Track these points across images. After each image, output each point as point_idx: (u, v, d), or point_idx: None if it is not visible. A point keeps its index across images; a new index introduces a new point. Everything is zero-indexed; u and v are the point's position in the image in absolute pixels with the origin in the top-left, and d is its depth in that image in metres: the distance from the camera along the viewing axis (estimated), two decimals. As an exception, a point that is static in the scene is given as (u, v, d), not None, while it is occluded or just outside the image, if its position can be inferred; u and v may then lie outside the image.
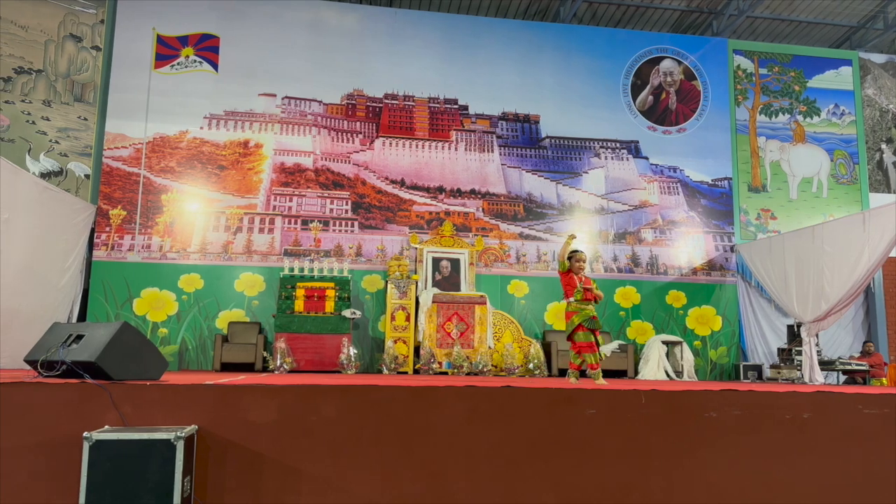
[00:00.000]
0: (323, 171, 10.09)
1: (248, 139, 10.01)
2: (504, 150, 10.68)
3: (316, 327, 8.79)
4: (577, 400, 3.70)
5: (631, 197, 10.88)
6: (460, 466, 3.51)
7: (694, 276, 10.71)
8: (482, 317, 9.20)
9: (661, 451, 3.68)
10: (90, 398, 3.36)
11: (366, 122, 10.38)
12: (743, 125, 11.41)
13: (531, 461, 3.57)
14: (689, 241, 10.86)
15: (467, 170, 10.51)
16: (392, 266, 9.38)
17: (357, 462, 3.44)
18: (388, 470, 3.45)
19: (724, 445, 3.73)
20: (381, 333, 9.55)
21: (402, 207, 10.18)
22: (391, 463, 3.46)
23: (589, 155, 10.91)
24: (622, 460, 3.63)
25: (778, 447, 3.77)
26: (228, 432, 3.36)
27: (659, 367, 9.59)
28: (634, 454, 3.65)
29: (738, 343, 10.60)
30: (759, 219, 11.15)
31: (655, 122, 11.16)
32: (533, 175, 10.69)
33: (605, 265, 10.52)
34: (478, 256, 10.07)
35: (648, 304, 10.45)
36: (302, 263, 9.41)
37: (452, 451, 3.53)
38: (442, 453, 3.52)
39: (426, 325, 9.05)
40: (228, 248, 9.61)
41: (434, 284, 9.65)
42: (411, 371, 8.92)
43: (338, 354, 8.50)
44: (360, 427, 3.49)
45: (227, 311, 9.38)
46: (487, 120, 10.73)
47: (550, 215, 10.57)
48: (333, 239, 9.90)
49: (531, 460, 3.57)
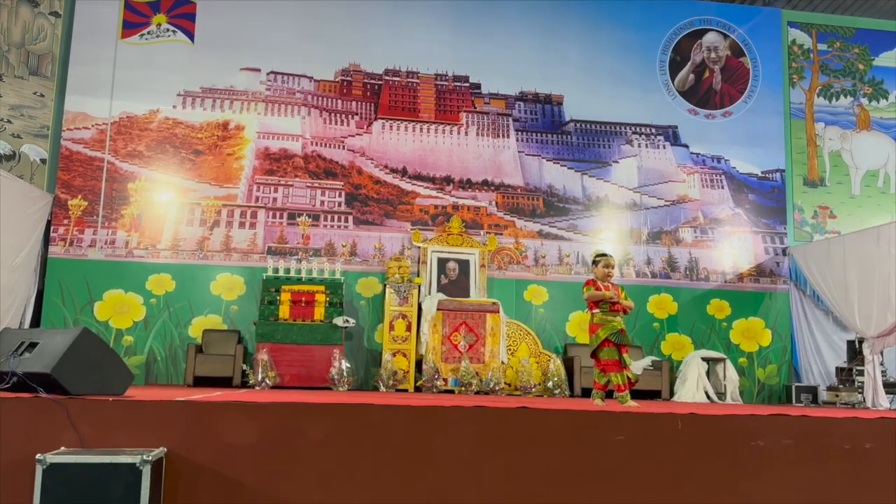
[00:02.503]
0: (313, 157, 10.11)
1: (228, 120, 10.03)
2: (521, 135, 10.67)
3: (303, 337, 8.79)
4: (603, 424, 3.69)
5: (668, 191, 10.86)
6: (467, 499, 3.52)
7: (740, 283, 10.68)
8: (494, 327, 9.19)
9: (699, 484, 3.66)
10: (44, 415, 3.35)
11: (363, 102, 10.39)
12: (798, 109, 11.36)
13: (549, 494, 3.55)
14: (735, 242, 10.82)
15: (479, 158, 10.51)
16: (391, 267, 9.39)
17: (350, 492, 3.44)
18: (385, 502, 3.45)
19: (772, 479, 3.72)
20: (377, 345, 9.55)
21: (404, 200, 10.19)
22: (388, 494, 3.46)
23: (619, 142, 10.89)
24: (654, 494, 3.62)
25: (835, 481, 3.75)
26: (202, 456, 3.36)
27: (698, 388, 9.56)
28: (668, 488, 3.62)
29: (789, 361, 10.56)
30: (815, 217, 11.10)
31: (697, 105, 11.13)
32: (554, 164, 10.67)
33: (636, 269, 10.51)
34: (490, 257, 10.07)
35: (687, 314, 10.43)
36: (288, 263, 9.43)
37: (459, 481, 3.53)
38: (447, 483, 3.52)
39: (430, 335, 9.05)
40: (204, 245, 9.64)
41: (439, 289, 9.65)
42: (412, 389, 8.92)
43: (328, 368, 8.48)
44: (354, 452, 3.49)
45: (202, 317, 9.41)
46: (503, 100, 10.73)
47: (574, 211, 10.55)
48: (324, 236, 9.92)
49: (549, 493, 3.56)
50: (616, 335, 5.72)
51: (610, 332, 5.72)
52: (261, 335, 8.77)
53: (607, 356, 5.73)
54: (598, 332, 5.77)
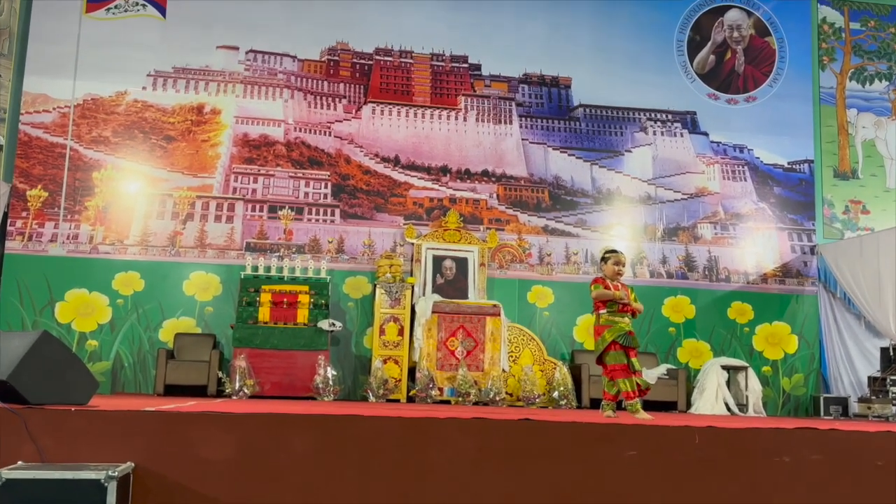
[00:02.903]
0: (297, 144, 10.10)
1: (203, 103, 10.02)
2: (525, 121, 10.68)
3: (285, 342, 8.79)
4: (613, 438, 3.70)
5: (685, 183, 10.87)
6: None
7: (764, 285, 10.70)
8: (495, 332, 9.19)
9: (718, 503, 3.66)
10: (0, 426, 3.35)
11: (351, 85, 10.38)
12: (829, 94, 11.38)
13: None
14: (759, 239, 10.84)
15: (479, 146, 10.50)
16: (382, 266, 9.38)
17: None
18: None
19: (798, 498, 3.73)
20: (366, 351, 9.55)
21: (396, 192, 10.18)
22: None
23: (633, 129, 10.89)
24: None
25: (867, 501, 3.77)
26: (173, 472, 3.37)
27: (717, 399, 9.56)
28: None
29: (818, 370, 10.58)
30: (847, 212, 11.13)
31: (718, 89, 11.15)
32: (561, 154, 10.67)
33: (651, 268, 10.52)
34: (490, 255, 10.07)
35: (705, 318, 10.44)
36: (269, 261, 9.42)
37: (455, 500, 3.53)
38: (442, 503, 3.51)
39: (424, 341, 9.05)
40: (176, 241, 9.64)
41: (435, 290, 9.65)
42: (404, 399, 8.91)
43: (312, 376, 8.47)
44: (340, 468, 3.49)
45: (174, 319, 9.40)
46: (505, 83, 10.72)
47: (583, 205, 10.56)
48: (309, 231, 9.91)
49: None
50: (624, 337, 5.72)
51: (617, 334, 5.73)
52: (238, 339, 8.75)
53: (614, 360, 5.72)
54: (604, 334, 5.77)
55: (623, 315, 5.79)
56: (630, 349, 5.74)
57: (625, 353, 5.72)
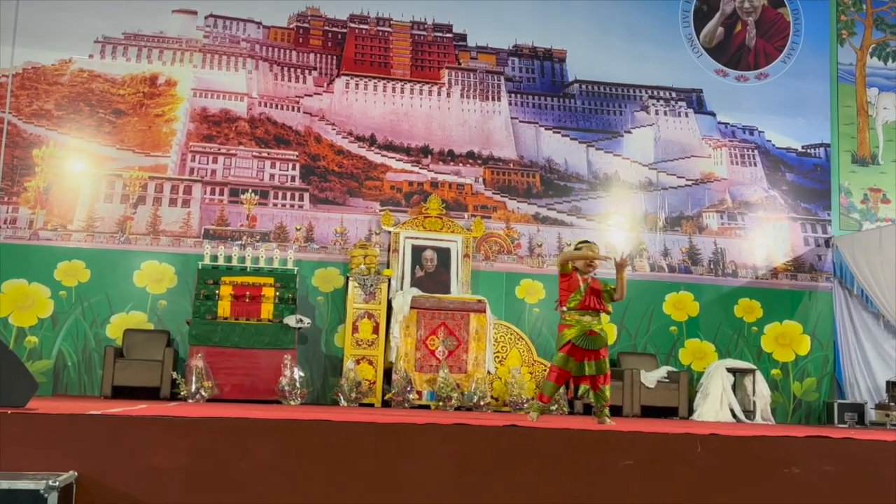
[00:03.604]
0: (261, 121, 10.06)
1: (157, 73, 9.96)
2: (515, 98, 10.68)
3: (247, 340, 8.76)
4: (607, 447, 3.71)
5: (690, 168, 10.93)
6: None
7: (774, 280, 10.79)
8: (480, 330, 9.21)
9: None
10: (-73, 431, 3.33)
11: (323, 55, 10.35)
12: (847, 71, 11.47)
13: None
14: (769, 230, 10.93)
15: (464, 124, 10.50)
16: (356, 257, 9.37)
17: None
18: (345, 538, 3.43)
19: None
20: (338, 350, 9.56)
21: (372, 175, 10.17)
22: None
23: (633, 108, 10.93)
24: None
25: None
26: (121, 481, 3.34)
27: (722, 404, 9.63)
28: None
29: (831, 373, 10.69)
30: (865, 201, 11.23)
31: (726, 65, 11.21)
32: (555, 134, 10.68)
33: (651, 261, 10.58)
34: (475, 245, 10.08)
35: (710, 316, 10.51)
36: (229, 250, 9.38)
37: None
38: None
39: (401, 339, 9.05)
40: (126, 227, 9.58)
41: (414, 283, 9.65)
42: (379, 403, 8.93)
43: (277, 378, 8.43)
44: (306, 479, 3.47)
45: (123, 314, 9.36)
46: (493, 55, 10.73)
47: (578, 190, 10.59)
48: (274, 217, 9.88)
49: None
50: (583, 338, 5.73)
51: (577, 335, 5.74)
52: (195, 337, 8.72)
53: (558, 363, 5.77)
54: (564, 333, 5.83)
55: (587, 312, 5.78)
56: (588, 351, 5.74)
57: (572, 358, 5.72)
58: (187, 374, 8.40)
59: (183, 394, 8.29)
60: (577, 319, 5.79)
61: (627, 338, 10.31)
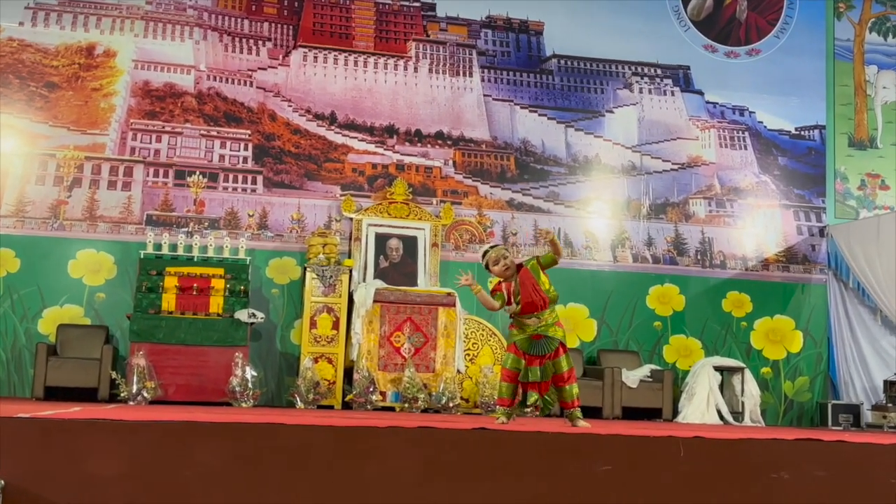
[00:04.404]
0: (210, 96, 10.05)
1: (94, 43, 9.92)
2: (489, 73, 10.75)
3: (194, 336, 8.76)
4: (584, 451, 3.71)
5: (676, 150, 11.07)
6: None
7: (765, 272, 10.96)
8: (449, 325, 9.28)
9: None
10: None
11: (278, 24, 10.35)
12: (845, 47, 11.62)
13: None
14: (760, 218, 11.10)
15: (432, 102, 10.55)
16: (314, 245, 9.38)
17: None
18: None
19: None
20: (294, 347, 9.60)
21: (332, 157, 10.21)
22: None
23: (615, 85, 11.05)
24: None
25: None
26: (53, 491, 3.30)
27: (709, 405, 9.79)
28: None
29: (825, 372, 10.89)
30: (863, 188, 11.43)
31: (715, 40, 11.35)
32: (531, 113, 10.78)
33: (634, 251, 10.71)
34: (445, 234, 10.15)
35: (696, 311, 10.67)
36: (174, 238, 9.37)
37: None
38: (382, 524, 3.55)
39: (364, 335, 9.09)
40: (60, 212, 9.54)
41: (377, 275, 9.69)
42: (339, 405, 8.97)
43: (227, 378, 8.42)
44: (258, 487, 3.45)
45: (57, 307, 9.33)
46: (464, 27, 10.79)
47: (556, 174, 10.70)
48: (224, 201, 9.89)
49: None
50: (526, 342, 5.84)
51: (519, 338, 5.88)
52: (137, 333, 8.69)
53: (508, 364, 5.91)
54: (512, 333, 6.01)
55: (530, 315, 5.87)
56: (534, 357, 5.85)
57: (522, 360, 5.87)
58: (128, 374, 8.32)
59: (123, 395, 8.20)
60: (522, 322, 5.91)
61: (608, 334, 10.42)
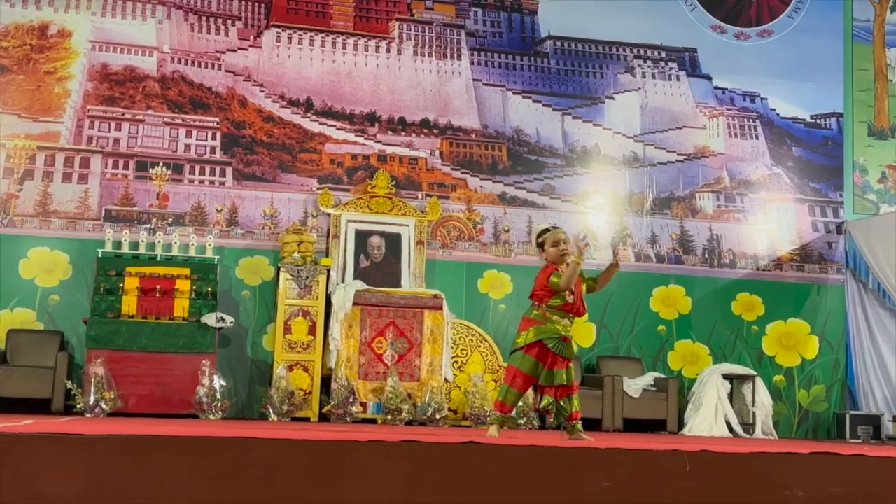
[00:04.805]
0: (174, 80, 10.02)
1: (48, 22, 9.87)
2: (479, 56, 10.72)
3: (157, 342, 8.74)
4: (582, 466, 3.70)
5: (682, 140, 11.05)
6: (393, 571, 3.52)
7: (778, 272, 10.95)
8: (435, 330, 9.26)
9: (715, 548, 3.73)
10: None
11: (249, 2, 10.32)
12: (864, 28, 11.61)
13: (508, 564, 3.60)
14: (773, 213, 11.09)
15: (417, 87, 10.53)
16: (289, 243, 9.36)
17: (221, 562, 3.38)
18: (273, 575, 3.38)
19: (815, 541, 3.80)
20: (266, 354, 9.57)
21: (308, 147, 10.18)
22: (278, 565, 3.41)
23: (616, 70, 11.02)
24: (653, 563, 3.69)
25: (900, 545, 3.86)
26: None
27: (717, 417, 9.77)
28: (672, 553, 3.70)
29: (843, 380, 10.88)
30: (883, 180, 11.42)
31: (724, 20, 11.32)
32: (524, 100, 10.74)
33: (636, 250, 10.69)
34: (431, 231, 10.12)
35: (704, 314, 10.65)
36: (136, 235, 9.34)
37: (380, 546, 3.53)
38: (362, 549, 3.52)
39: (343, 341, 9.07)
40: (10, 207, 9.51)
41: (358, 275, 9.67)
42: (316, 417, 8.98)
43: (194, 387, 8.43)
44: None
45: (7, 311, 9.28)
46: (452, 5, 10.78)
47: (551, 166, 10.66)
48: (190, 195, 9.86)
49: (508, 562, 3.57)
50: (557, 343, 5.74)
51: (547, 336, 5.76)
52: (94, 339, 8.66)
53: (522, 365, 5.80)
54: (531, 330, 5.83)
55: (565, 315, 5.82)
56: (561, 359, 5.77)
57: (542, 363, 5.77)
58: (85, 384, 8.35)
59: (79, 407, 8.25)
60: (554, 319, 5.81)
61: (608, 339, 10.40)
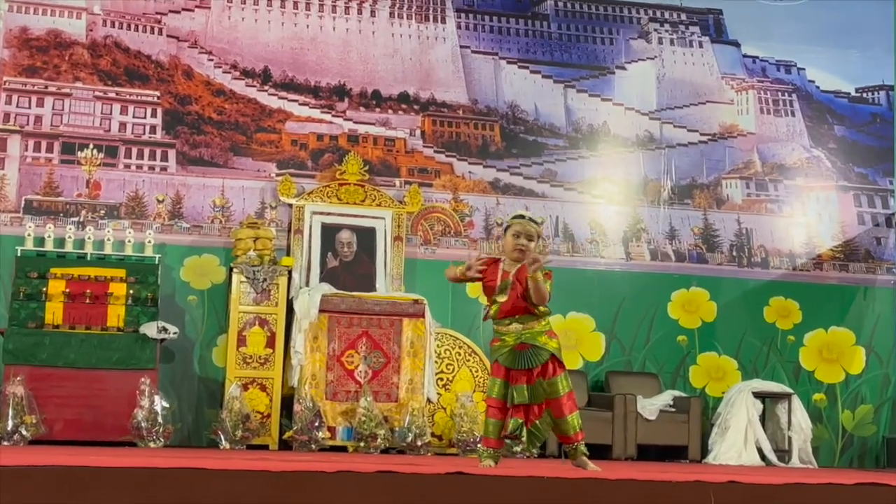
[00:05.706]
0: (107, 47, 10.05)
1: (-43, -21, 9.86)
2: (467, 19, 10.74)
3: (88, 357, 8.76)
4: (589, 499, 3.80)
5: (705, 117, 11.06)
6: None
7: (818, 272, 10.96)
8: (416, 341, 9.23)
9: None
10: None
11: (195, -45, 10.38)
12: (916, -12, 11.63)
13: None
14: (811, 203, 11.12)
15: (394, 55, 10.56)
16: (243, 240, 9.31)
17: None
18: None
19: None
20: (217, 371, 9.57)
21: (266, 126, 10.22)
22: None
23: (628, 35, 11.05)
24: None
25: None
26: None
27: (747, 442, 9.76)
28: None
29: (893, 399, 10.90)
30: (939, 165, 11.45)
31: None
32: (520, 70, 10.77)
33: (652, 246, 10.68)
34: (411, 224, 10.11)
35: (731, 321, 10.65)
36: (61, 230, 9.31)
37: None
38: None
39: (307, 355, 9.03)
40: (-88, 197, 9.50)
41: (325, 277, 9.67)
42: (276, 444, 8.99)
43: (131, 410, 8.40)
44: None
45: None
46: (436, -40, 10.82)
47: (552, 148, 10.67)
48: (126, 183, 9.87)
49: None
50: (507, 355, 5.71)
51: (499, 353, 5.78)
52: (13, 353, 8.69)
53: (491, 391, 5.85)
54: (493, 348, 5.89)
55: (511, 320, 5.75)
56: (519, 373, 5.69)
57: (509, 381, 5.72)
58: (2, 406, 8.32)
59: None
60: (502, 331, 5.79)
61: (619, 352, 10.45)
